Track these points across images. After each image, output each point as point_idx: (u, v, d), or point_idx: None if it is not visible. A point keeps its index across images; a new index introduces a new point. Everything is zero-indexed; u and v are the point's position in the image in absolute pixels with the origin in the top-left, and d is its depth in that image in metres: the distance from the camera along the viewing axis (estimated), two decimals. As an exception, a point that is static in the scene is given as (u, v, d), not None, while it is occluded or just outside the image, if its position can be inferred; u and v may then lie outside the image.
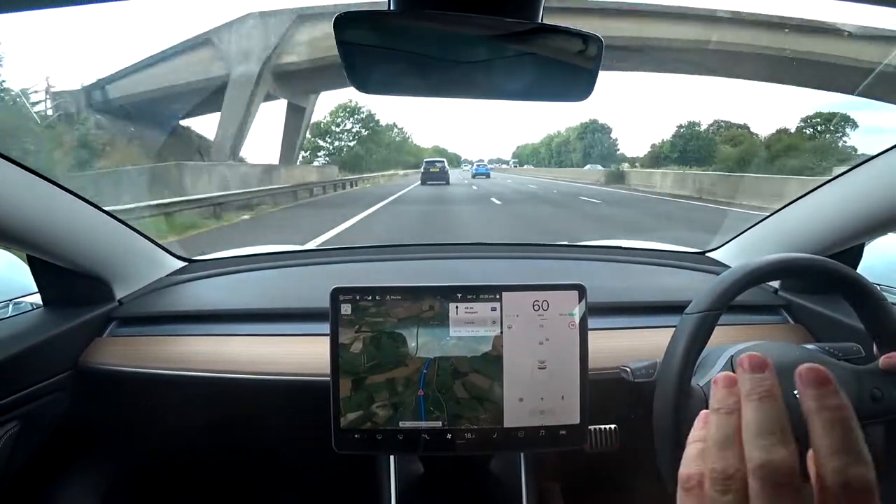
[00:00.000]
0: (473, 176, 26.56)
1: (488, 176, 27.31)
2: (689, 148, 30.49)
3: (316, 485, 1.02)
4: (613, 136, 45.19)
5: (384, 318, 0.63)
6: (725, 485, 0.25)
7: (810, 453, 0.25)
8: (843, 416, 0.25)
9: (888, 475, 0.55)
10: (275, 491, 1.03)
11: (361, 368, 0.63)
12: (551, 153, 53.04)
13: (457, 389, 0.63)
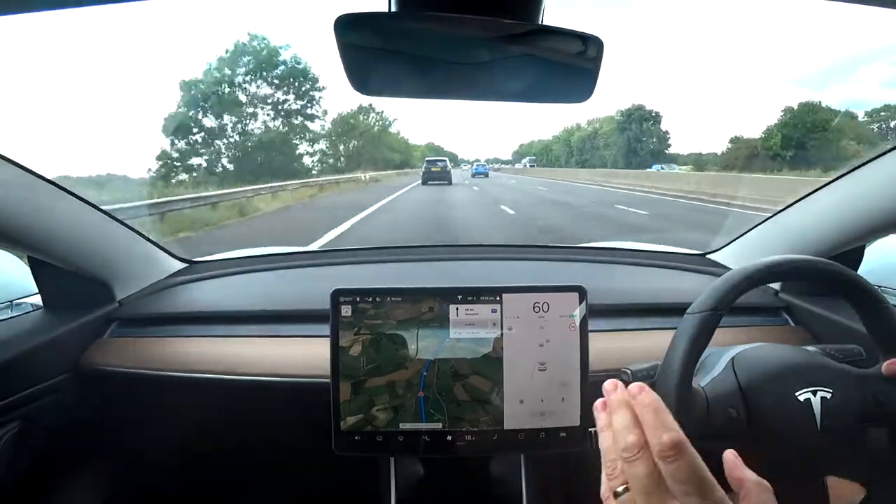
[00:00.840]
0: (473, 175, 26.37)
1: (486, 175, 26.32)
2: (811, 143, 19.79)
3: (316, 486, 1.02)
4: (663, 126, 34.09)
5: (383, 320, 0.63)
6: (635, 455, 0.35)
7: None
8: (655, 407, 0.36)
9: (891, 478, 0.55)
10: (275, 492, 1.03)
11: (361, 372, 0.62)
12: (571, 150, 42.62)
13: (457, 391, 0.63)
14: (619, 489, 0.35)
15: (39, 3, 0.46)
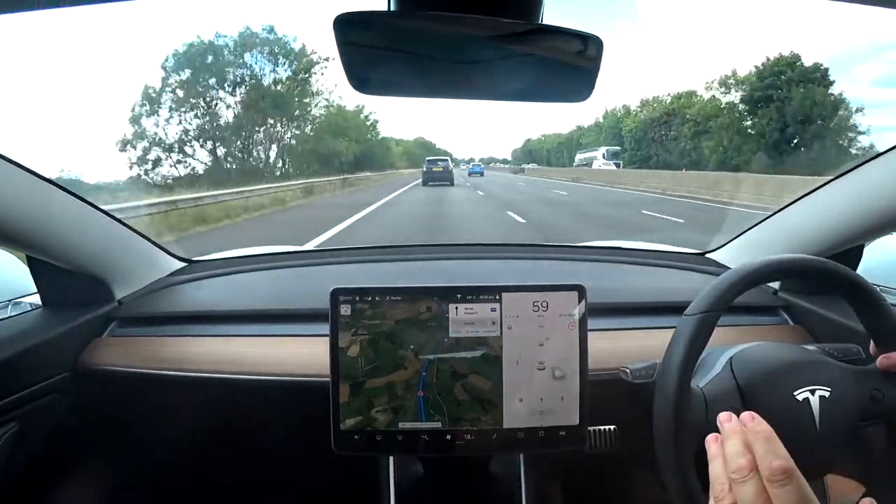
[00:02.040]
0: (469, 174, 26.00)
1: (482, 174, 25.50)
2: None
3: (316, 485, 1.02)
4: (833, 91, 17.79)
5: (381, 320, 0.63)
6: (745, 477, 0.38)
7: None
8: (766, 435, 0.39)
9: (889, 475, 0.55)
10: (274, 491, 1.03)
11: (359, 373, 0.62)
12: (621, 143, 28.18)
13: (457, 391, 0.63)
14: None
15: (39, 2, 0.46)
